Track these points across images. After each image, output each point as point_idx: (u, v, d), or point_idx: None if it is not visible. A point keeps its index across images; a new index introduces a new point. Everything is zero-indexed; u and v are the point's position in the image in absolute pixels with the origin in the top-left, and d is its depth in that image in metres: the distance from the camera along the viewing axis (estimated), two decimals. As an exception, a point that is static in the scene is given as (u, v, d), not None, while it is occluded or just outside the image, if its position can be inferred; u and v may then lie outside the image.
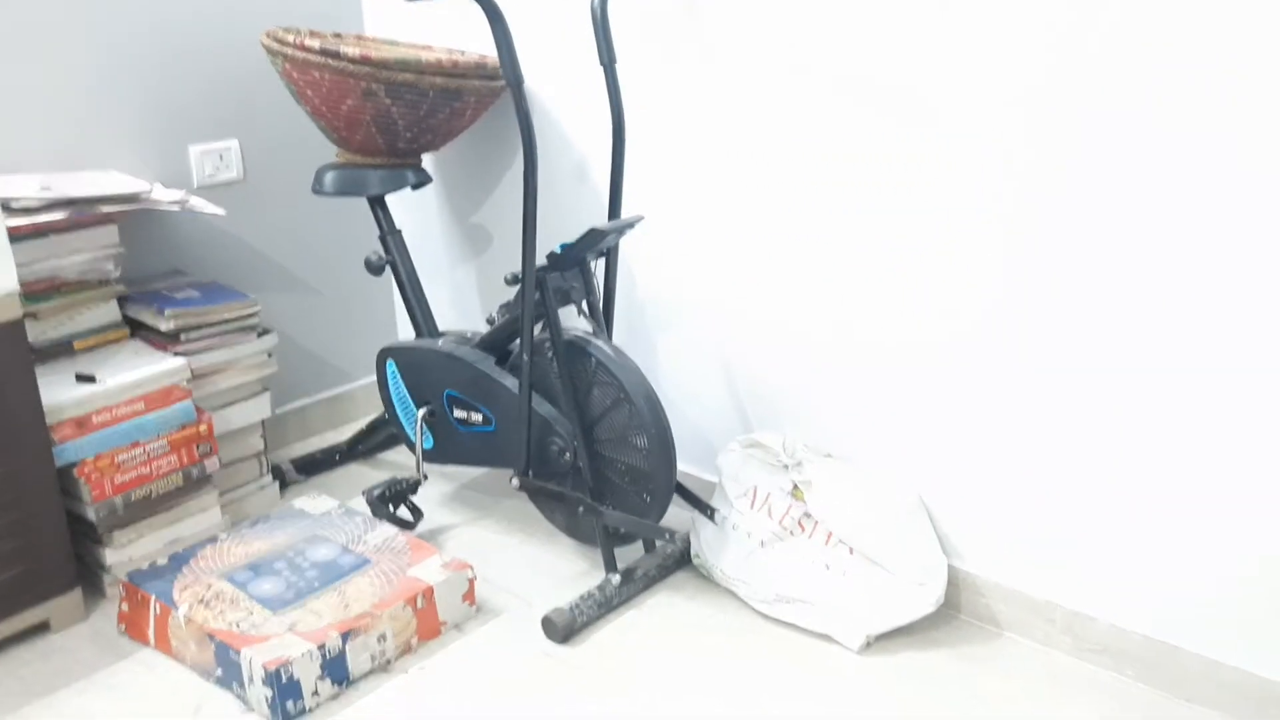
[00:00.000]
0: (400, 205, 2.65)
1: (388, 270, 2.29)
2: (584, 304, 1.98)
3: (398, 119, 2.08)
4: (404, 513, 2.22)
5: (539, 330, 1.95)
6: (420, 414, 2.16)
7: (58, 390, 1.89)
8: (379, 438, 2.54)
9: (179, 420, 2.03)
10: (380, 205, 2.27)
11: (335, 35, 2.34)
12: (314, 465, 2.49)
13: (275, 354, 2.26)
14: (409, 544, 1.97)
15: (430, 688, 1.74)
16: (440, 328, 2.40)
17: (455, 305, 2.66)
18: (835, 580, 1.85)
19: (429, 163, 2.59)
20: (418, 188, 2.27)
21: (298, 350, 2.61)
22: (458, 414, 2.11)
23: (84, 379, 1.94)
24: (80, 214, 1.95)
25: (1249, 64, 1.40)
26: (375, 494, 2.17)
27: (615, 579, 1.93)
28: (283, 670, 1.64)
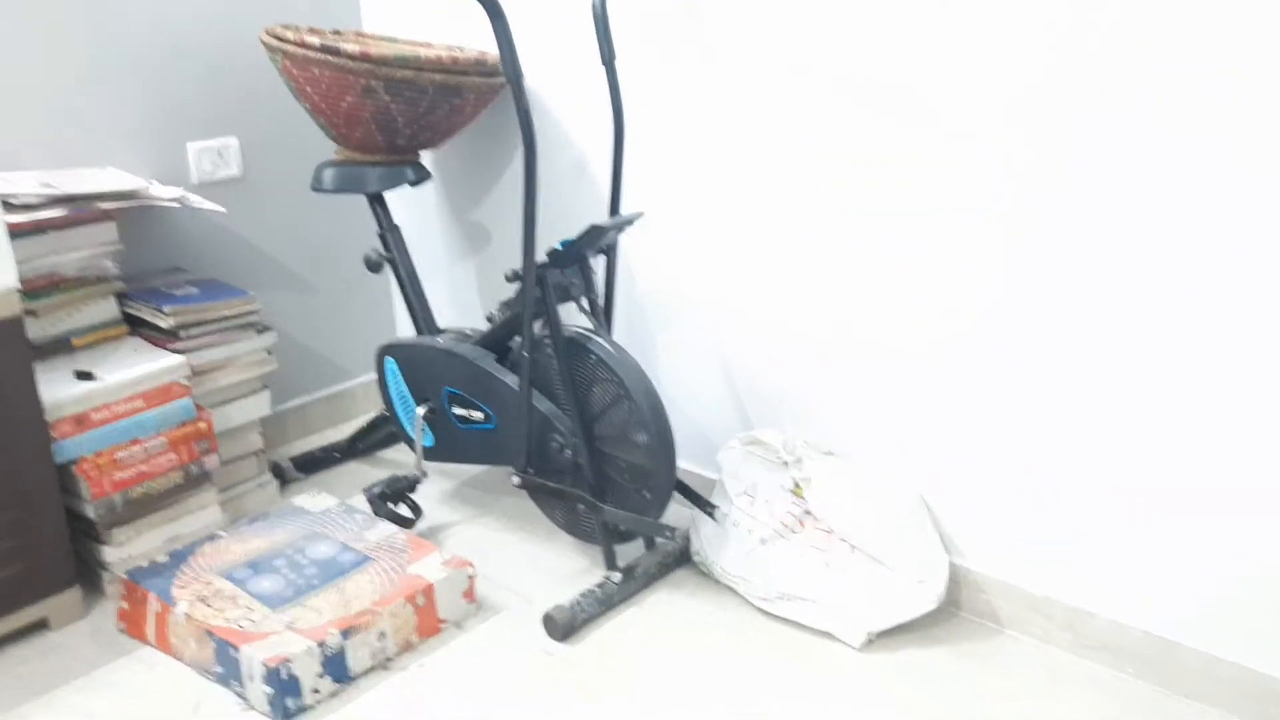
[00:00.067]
0: (399, 202, 2.65)
1: (387, 268, 2.29)
2: (584, 301, 1.98)
3: (397, 116, 2.08)
4: (404, 510, 2.22)
5: (539, 327, 1.95)
6: (420, 411, 2.16)
7: (57, 387, 1.89)
8: (378, 435, 2.54)
9: (178, 417, 2.03)
10: (379, 202, 2.27)
11: (335, 32, 2.34)
12: (313, 463, 2.49)
13: (274, 351, 2.26)
14: (409, 541, 1.97)
15: (430, 685, 1.74)
16: (440, 325, 2.40)
17: (454, 302, 2.66)
18: (836, 577, 1.85)
19: (428, 160, 2.59)
20: (417, 185, 2.27)
21: (297, 348, 2.61)
22: (458, 411, 2.11)
23: (83, 376, 1.93)
24: (79, 211, 1.95)
25: (1249, 64, 1.40)
26: (375, 492, 2.17)
27: (615, 576, 1.93)
28: (283, 667, 1.64)
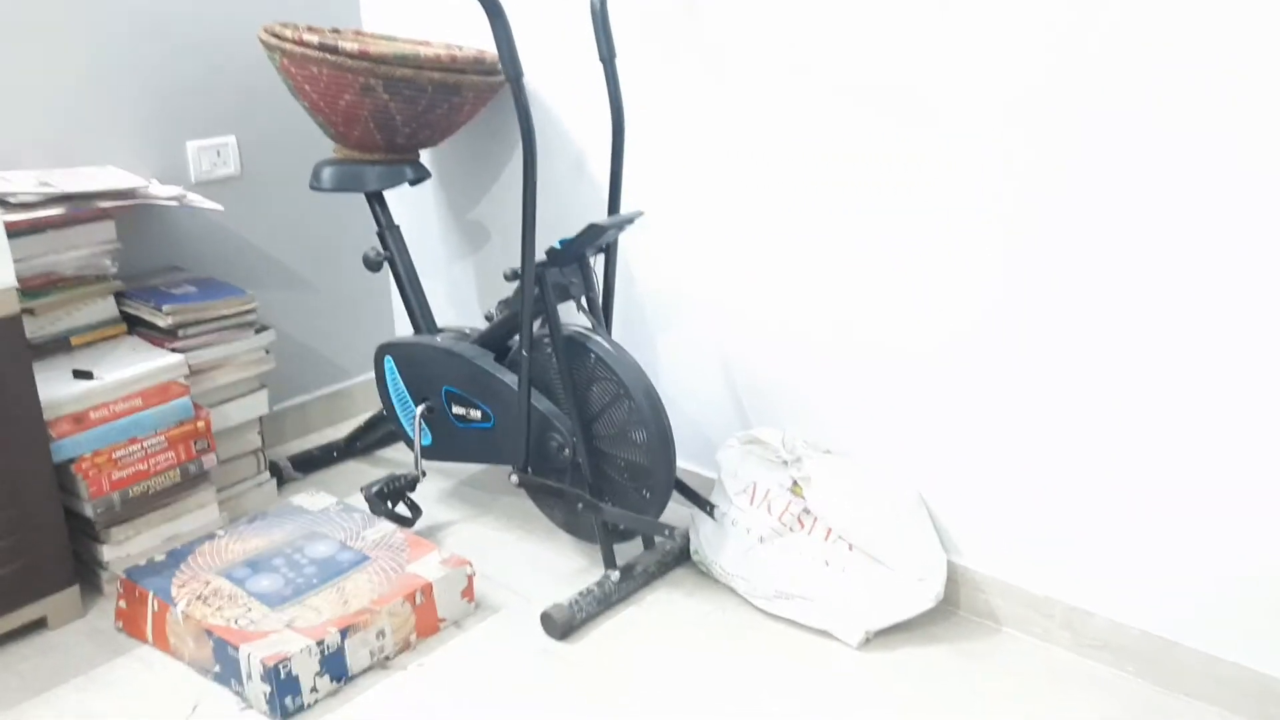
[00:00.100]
0: (398, 201, 2.64)
1: (386, 266, 2.29)
2: (583, 300, 1.97)
3: (396, 114, 2.08)
4: (402, 509, 2.22)
5: (538, 326, 1.95)
6: (419, 410, 2.16)
7: (55, 386, 1.89)
8: (377, 434, 2.53)
9: (177, 416, 2.03)
10: (378, 201, 2.26)
11: (333, 30, 2.33)
12: (312, 462, 2.48)
13: (273, 350, 2.26)
14: (407, 540, 1.97)
15: (429, 684, 1.74)
16: (438, 324, 2.39)
17: (453, 301, 2.66)
18: (834, 576, 1.85)
19: (427, 158, 2.58)
20: (416, 183, 2.26)
21: (295, 347, 2.61)
22: (456, 410, 2.11)
23: (81, 375, 1.93)
24: (78, 209, 1.95)
25: (1249, 64, 1.40)
26: (373, 491, 2.17)
27: (614, 575, 1.93)
28: (281, 666, 1.64)
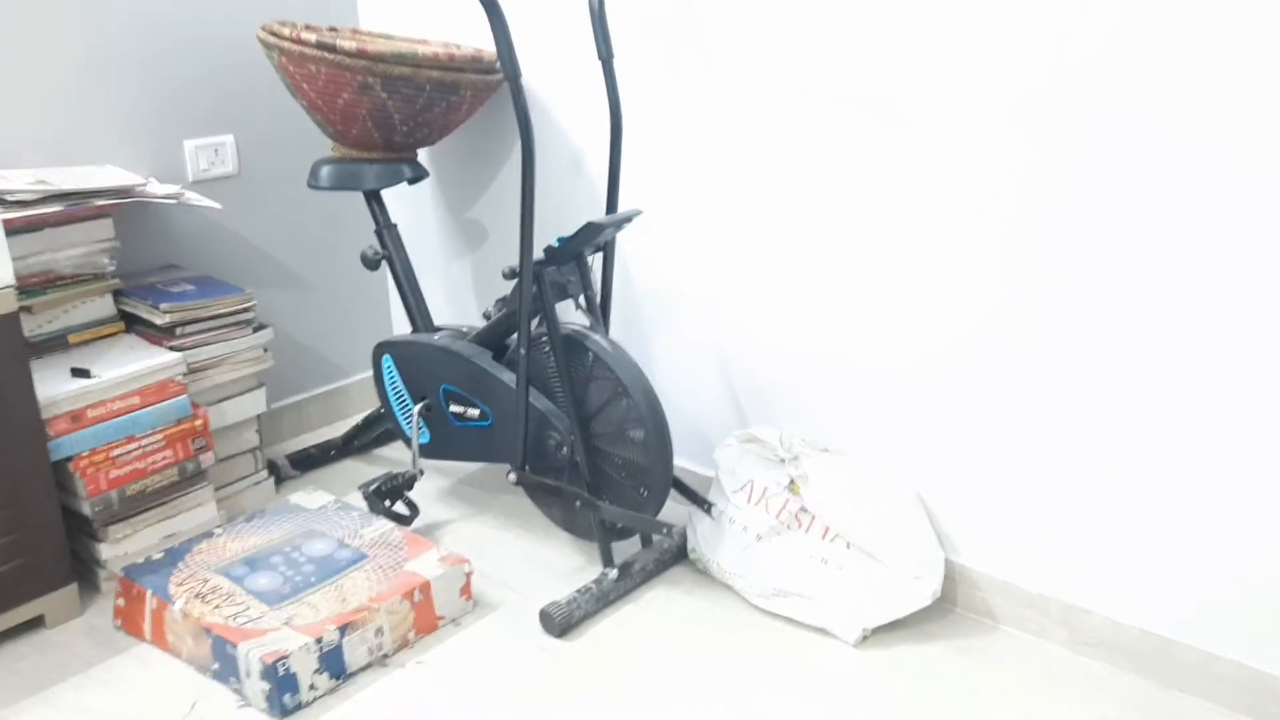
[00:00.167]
0: (396, 200, 2.64)
1: (384, 265, 2.29)
2: (581, 298, 1.98)
3: (394, 113, 2.08)
4: (400, 508, 2.22)
5: (536, 325, 1.95)
6: (416, 409, 2.16)
7: (53, 384, 1.89)
8: (375, 433, 2.53)
9: (174, 415, 2.03)
10: (376, 200, 2.27)
11: (331, 29, 2.33)
12: (309, 460, 2.49)
13: (270, 349, 2.25)
14: (405, 539, 1.97)
15: (427, 682, 1.74)
16: (436, 323, 2.39)
17: (451, 300, 2.66)
18: (832, 574, 1.85)
19: (425, 157, 2.59)
20: (414, 182, 2.26)
21: (293, 345, 2.61)
22: (454, 409, 2.11)
23: (79, 373, 1.93)
24: (75, 207, 1.95)
25: (1249, 64, 1.40)
26: (371, 489, 2.17)
27: (612, 573, 1.93)
28: (280, 664, 1.64)
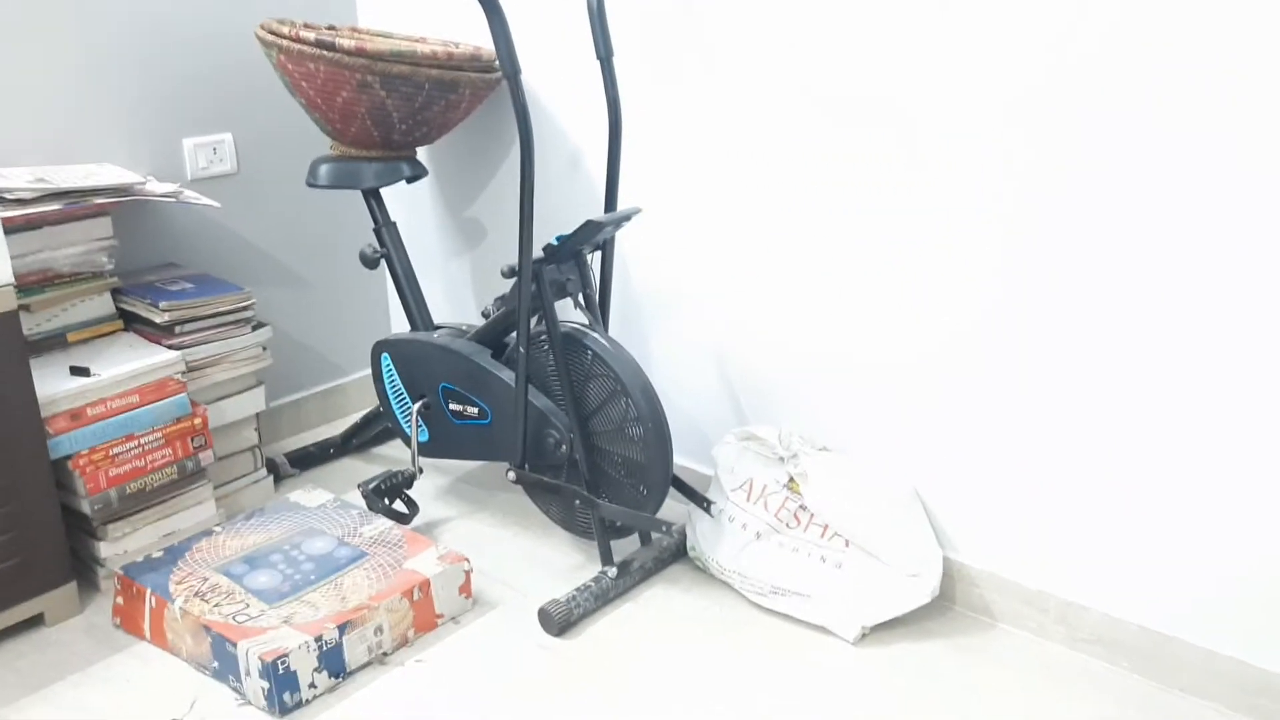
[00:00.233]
0: (395, 198, 2.65)
1: (382, 263, 2.29)
2: (580, 296, 1.98)
3: (393, 111, 2.08)
4: (399, 506, 2.22)
5: (535, 323, 1.95)
6: (415, 407, 2.16)
7: (52, 383, 1.89)
8: (373, 431, 2.54)
9: (173, 413, 2.03)
10: (375, 198, 2.27)
11: (330, 27, 2.33)
12: (308, 459, 2.49)
13: (269, 347, 2.25)
14: (405, 537, 1.97)
15: (427, 680, 1.74)
16: (435, 321, 2.40)
17: (450, 298, 2.66)
18: (831, 572, 1.86)
19: (424, 156, 2.59)
20: (413, 181, 2.26)
21: (292, 344, 2.61)
22: (453, 407, 2.11)
23: (78, 372, 1.93)
24: (74, 206, 1.95)
25: (1249, 64, 1.40)
26: (370, 487, 2.17)
27: (611, 572, 1.94)
28: (280, 662, 1.64)
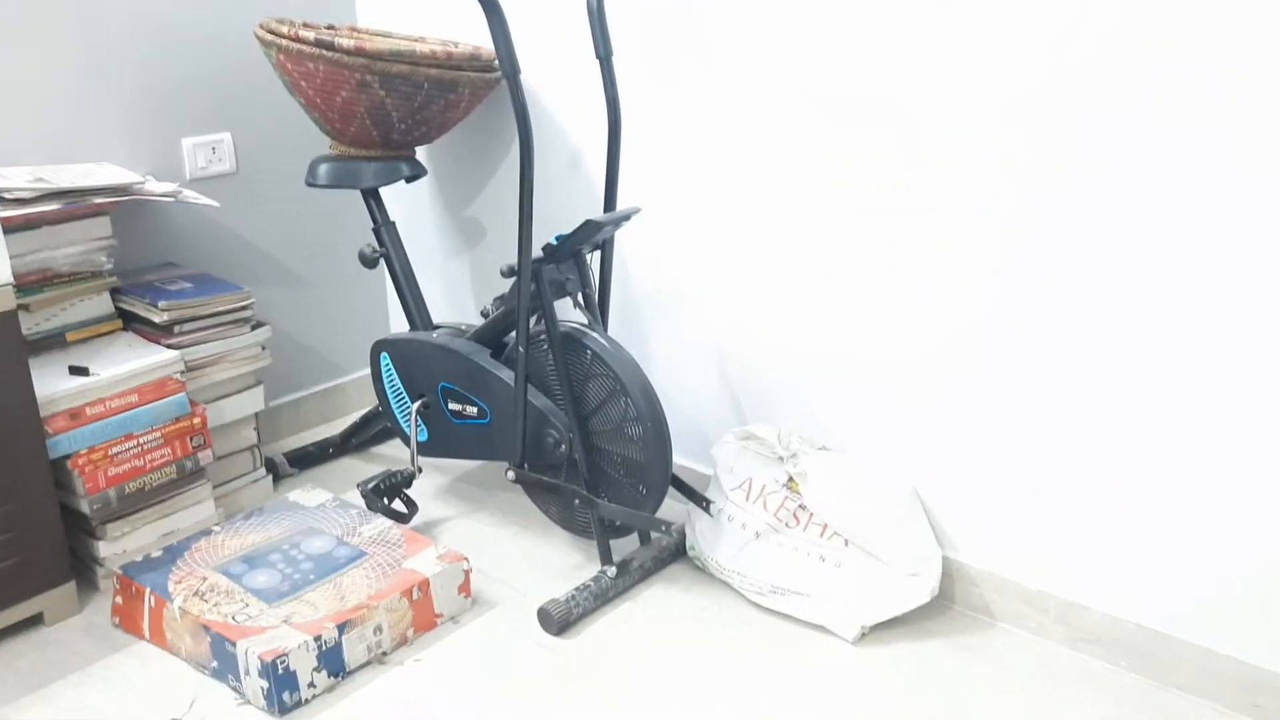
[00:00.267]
0: (394, 198, 2.64)
1: (381, 263, 2.29)
2: (579, 296, 1.98)
3: (392, 111, 2.08)
4: (399, 505, 2.22)
5: (534, 322, 1.95)
6: (415, 407, 2.16)
7: (51, 382, 1.88)
8: (372, 431, 2.54)
9: (172, 413, 2.03)
10: (374, 198, 2.26)
11: (329, 27, 2.33)
12: (307, 459, 2.49)
13: (269, 347, 2.25)
14: (404, 536, 1.97)
15: (426, 679, 1.74)
16: (434, 320, 2.39)
17: (449, 298, 2.66)
18: (830, 572, 1.86)
19: (423, 155, 2.59)
20: (412, 180, 2.26)
21: (291, 343, 2.61)
22: (452, 407, 2.11)
23: (77, 371, 1.93)
24: (73, 205, 1.94)
25: (1249, 64, 1.40)
26: (369, 487, 2.17)
27: (610, 571, 1.94)
28: (279, 661, 1.64)
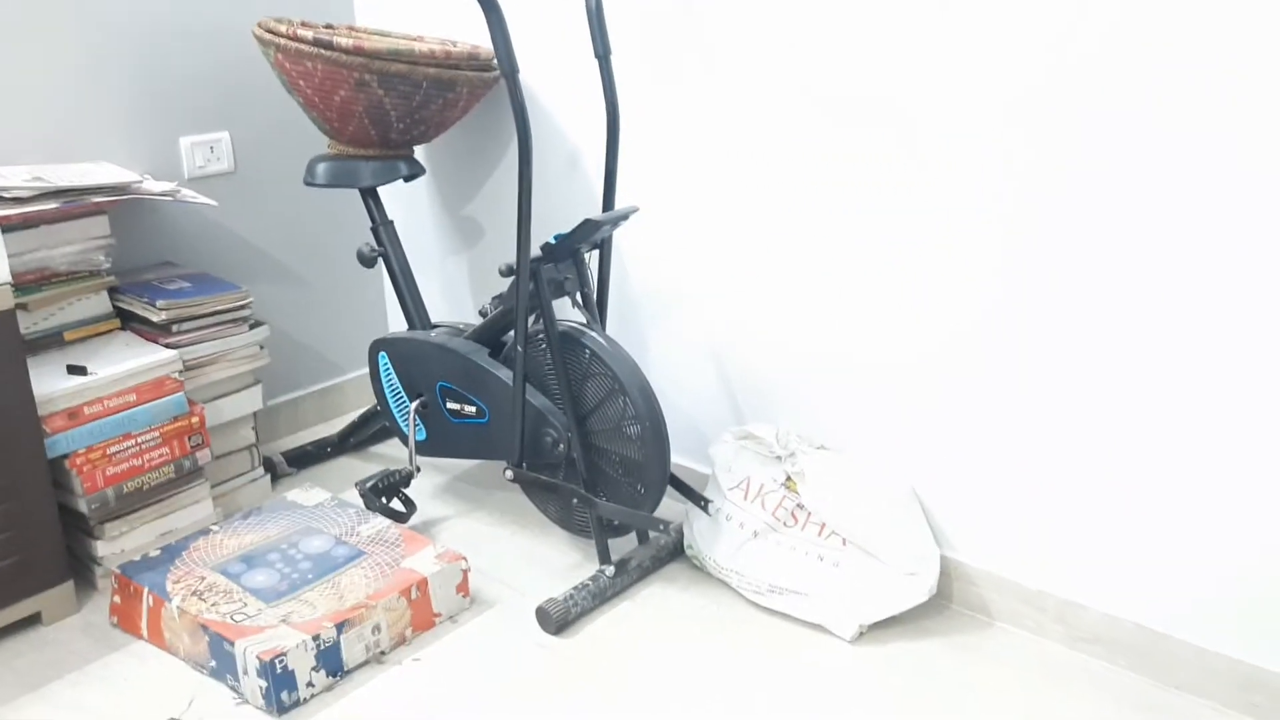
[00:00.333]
0: (392, 197, 2.64)
1: (380, 262, 2.29)
2: (578, 295, 1.98)
3: (390, 110, 2.08)
4: (397, 505, 2.22)
5: (533, 322, 1.95)
6: (413, 406, 2.16)
7: (49, 382, 1.88)
8: (371, 430, 2.54)
9: (171, 412, 2.03)
10: (372, 197, 2.26)
11: (327, 26, 2.33)
12: (305, 458, 2.49)
13: (267, 346, 2.25)
14: (402, 536, 1.97)
15: (424, 679, 1.74)
16: (432, 320, 2.39)
17: (447, 297, 2.66)
18: (828, 571, 1.86)
19: (422, 154, 2.58)
20: (410, 179, 2.26)
21: (289, 342, 2.61)
22: (450, 406, 2.11)
23: (75, 370, 1.93)
24: (71, 204, 1.94)
25: (1249, 64, 1.40)
26: (368, 486, 2.17)
27: (609, 570, 1.94)
28: (277, 661, 1.64)
